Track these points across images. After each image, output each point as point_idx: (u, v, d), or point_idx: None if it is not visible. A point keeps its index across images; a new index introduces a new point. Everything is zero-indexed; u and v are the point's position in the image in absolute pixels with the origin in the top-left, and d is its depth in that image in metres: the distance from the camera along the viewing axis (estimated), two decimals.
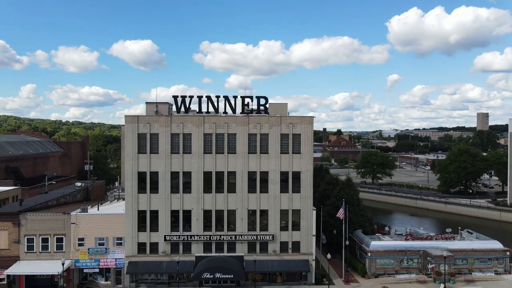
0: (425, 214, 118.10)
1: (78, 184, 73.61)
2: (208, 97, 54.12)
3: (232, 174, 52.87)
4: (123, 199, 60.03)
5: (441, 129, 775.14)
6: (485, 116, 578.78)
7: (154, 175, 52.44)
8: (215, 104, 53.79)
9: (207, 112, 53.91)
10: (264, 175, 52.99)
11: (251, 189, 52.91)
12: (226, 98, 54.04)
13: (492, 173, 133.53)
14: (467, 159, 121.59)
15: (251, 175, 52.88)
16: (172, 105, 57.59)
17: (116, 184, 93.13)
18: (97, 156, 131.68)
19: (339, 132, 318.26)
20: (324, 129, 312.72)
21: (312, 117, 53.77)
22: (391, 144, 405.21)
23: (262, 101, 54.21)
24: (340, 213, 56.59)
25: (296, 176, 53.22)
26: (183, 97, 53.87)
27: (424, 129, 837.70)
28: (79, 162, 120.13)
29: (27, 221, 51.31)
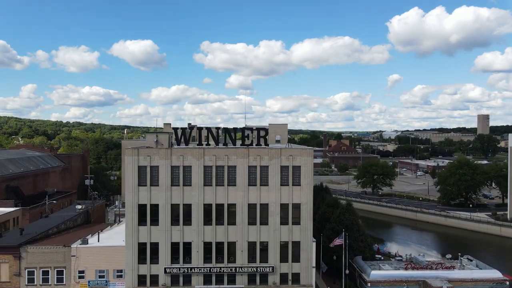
0: (425, 227, 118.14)
1: (79, 206, 73.58)
2: (208, 129, 54.30)
3: (232, 206, 52.92)
4: (124, 215, 59.53)
5: (441, 130, 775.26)
6: (486, 117, 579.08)
7: (155, 208, 52.49)
8: (215, 135, 53.91)
9: (207, 143, 53.97)
10: (264, 207, 53.02)
11: (251, 221, 52.97)
12: (226, 130, 54.21)
13: (493, 184, 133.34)
14: (467, 171, 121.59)
15: (251, 207, 52.91)
16: (172, 134, 57.81)
17: (117, 203, 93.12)
18: (97, 168, 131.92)
19: (339, 136, 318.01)
20: (325, 134, 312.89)
21: (312, 149, 53.92)
22: (391, 147, 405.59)
23: (262, 133, 54.23)
24: (336, 242, 56.91)
25: (296, 208, 53.26)
26: (183, 129, 54.06)
27: (424, 129, 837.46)
28: (80, 176, 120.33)
29: (28, 254, 51.45)
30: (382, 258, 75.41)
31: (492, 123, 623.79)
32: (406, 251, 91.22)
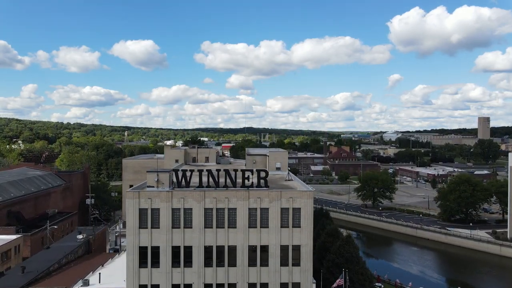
0: (425, 244, 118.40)
1: (80, 236, 73.88)
2: (209, 171, 54.43)
3: (232, 248, 53.10)
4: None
5: (442, 131, 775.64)
6: (486, 120, 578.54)
7: (155, 250, 52.69)
8: (216, 178, 54.09)
9: (208, 186, 54.16)
10: (265, 249, 53.20)
11: (252, 262, 53.16)
12: (227, 172, 54.37)
13: (493, 198, 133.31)
14: (467, 188, 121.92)
15: (252, 249, 53.14)
16: (172, 172, 58.04)
17: (117, 228, 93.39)
18: (97, 184, 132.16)
19: (339, 142, 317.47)
20: (325, 142, 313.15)
21: (312, 191, 54.07)
22: (392, 150, 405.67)
23: (263, 174, 54.41)
24: (337, 283, 57.21)
25: (296, 249, 53.44)
26: (184, 171, 54.18)
27: (425, 130, 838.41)
28: (80, 194, 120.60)
29: None
30: (382, 286, 75.72)
31: (493, 123, 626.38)
32: (408, 274, 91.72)
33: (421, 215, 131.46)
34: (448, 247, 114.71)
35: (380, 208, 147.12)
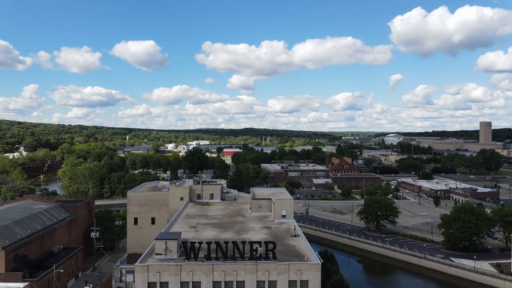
0: (429, 274, 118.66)
1: None
2: (217, 243, 54.75)
3: None
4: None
5: (443, 133, 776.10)
6: (488, 124, 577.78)
7: None
8: (224, 250, 54.40)
9: (216, 257, 54.48)
10: None
11: None
12: (235, 243, 54.69)
13: (496, 229, 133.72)
14: (471, 218, 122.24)
15: None
16: (180, 234, 58.36)
17: (123, 272, 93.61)
18: (101, 213, 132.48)
19: (340, 150, 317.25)
20: (327, 154, 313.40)
21: (319, 264, 54.39)
22: (393, 157, 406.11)
23: (270, 246, 54.72)
24: None
25: None
26: (192, 243, 54.49)
27: (426, 132, 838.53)
28: (85, 225, 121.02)
29: None
30: None
31: (495, 123, 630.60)
32: None
33: (424, 244, 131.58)
34: (452, 278, 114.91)
35: (383, 234, 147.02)
